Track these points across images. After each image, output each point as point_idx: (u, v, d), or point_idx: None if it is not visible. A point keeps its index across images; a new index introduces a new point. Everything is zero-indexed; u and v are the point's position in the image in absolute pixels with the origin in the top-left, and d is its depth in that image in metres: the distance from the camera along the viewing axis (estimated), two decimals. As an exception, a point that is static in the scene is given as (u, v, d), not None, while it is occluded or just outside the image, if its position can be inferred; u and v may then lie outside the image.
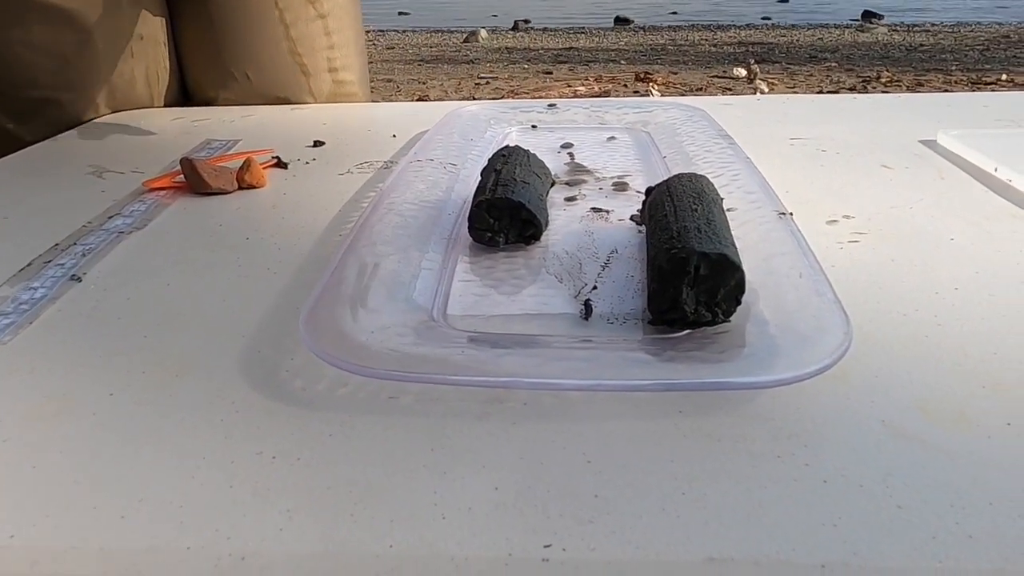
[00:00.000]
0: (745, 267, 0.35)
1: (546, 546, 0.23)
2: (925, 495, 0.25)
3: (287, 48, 0.84)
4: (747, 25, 5.97)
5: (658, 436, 0.28)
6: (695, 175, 0.41)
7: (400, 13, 6.83)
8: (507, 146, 0.47)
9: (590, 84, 3.79)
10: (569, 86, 3.76)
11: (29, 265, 0.43)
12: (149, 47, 0.80)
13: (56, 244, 0.45)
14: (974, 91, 3.44)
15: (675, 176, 0.41)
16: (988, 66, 4.10)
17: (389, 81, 4.08)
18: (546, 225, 0.43)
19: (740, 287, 0.32)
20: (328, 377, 0.32)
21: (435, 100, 3.62)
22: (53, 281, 0.41)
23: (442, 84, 3.99)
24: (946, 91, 3.44)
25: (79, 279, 0.41)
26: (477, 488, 0.26)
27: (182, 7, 0.83)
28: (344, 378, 0.31)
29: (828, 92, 3.51)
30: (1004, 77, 3.74)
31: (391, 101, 3.61)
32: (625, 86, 3.76)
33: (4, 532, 0.24)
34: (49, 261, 0.43)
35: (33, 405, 0.31)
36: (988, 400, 0.29)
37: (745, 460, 0.27)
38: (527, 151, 0.47)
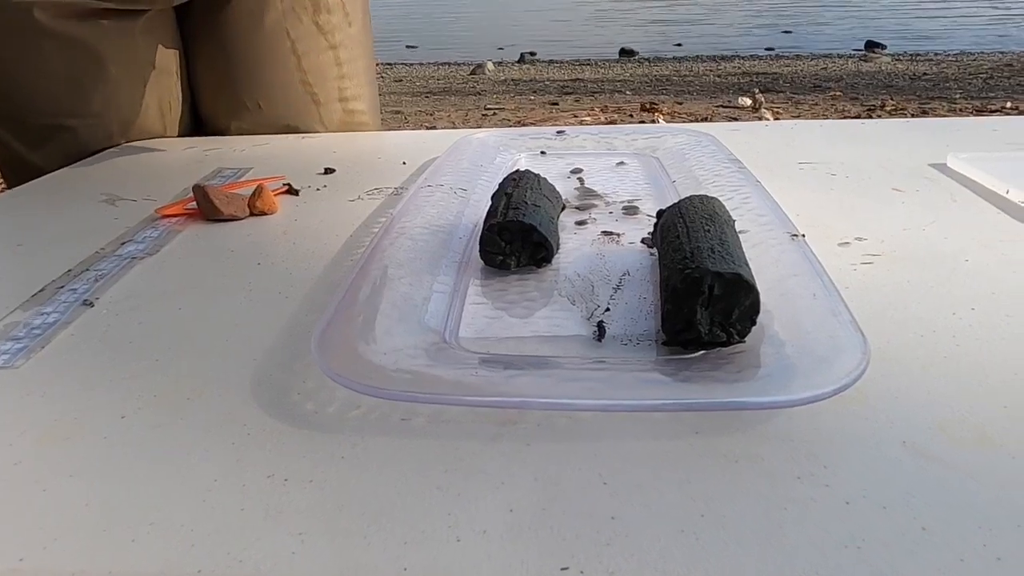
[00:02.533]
0: (759, 288, 0.35)
1: (563, 568, 0.23)
2: (950, 517, 0.24)
3: (298, 78, 0.85)
4: (751, 56, 6.02)
5: (674, 456, 0.27)
6: (707, 197, 0.41)
7: (408, 46, 6.92)
8: (518, 171, 0.48)
9: (596, 114, 3.82)
10: (575, 116, 3.79)
11: (42, 291, 0.43)
12: (162, 77, 0.81)
13: (69, 270, 0.46)
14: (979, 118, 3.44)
15: (687, 198, 0.41)
16: (992, 94, 4.11)
17: (397, 113, 4.12)
18: (557, 248, 0.43)
19: (755, 307, 0.32)
20: (339, 400, 0.31)
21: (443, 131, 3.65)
22: (65, 306, 0.41)
23: (449, 115, 4.02)
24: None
25: (91, 304, 0.41)
26: (492, 510, 0.25)
27: (195, 38, 0.84)
28: (356, 400, 0.31)
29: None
30: (1008, 105, 3.75)
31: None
32: (631, 116, 3.79)
33: (14, 555, 0.24)
34: (62, 287, 0.43)
35: (45, 429, 0.31)
36: (1010, 420, 0.29)
37: (763, 480, 0.26)
38: (538, 175, 0.47)
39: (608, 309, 0.37)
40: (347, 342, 0.33)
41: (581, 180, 0.58)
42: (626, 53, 6.34)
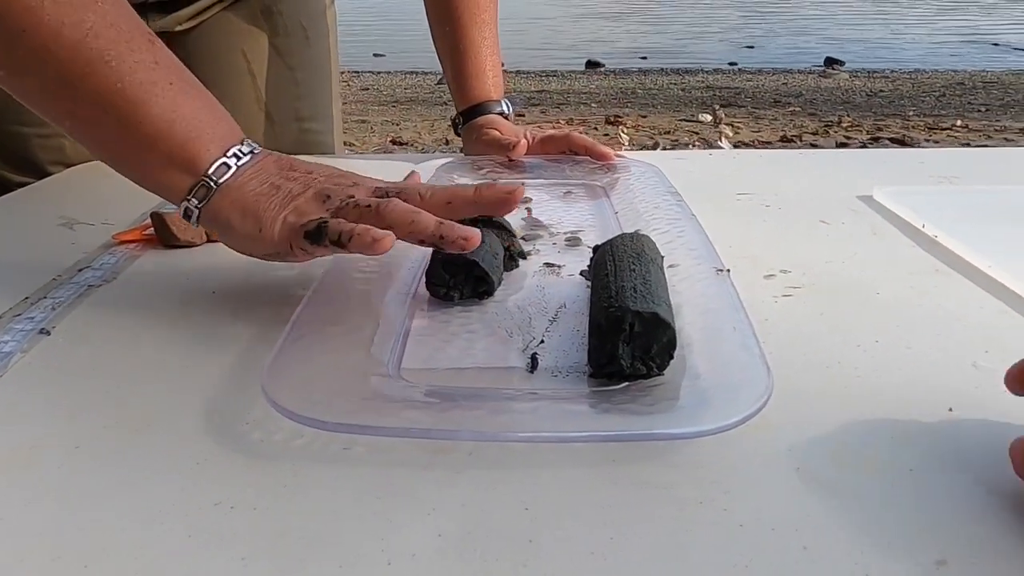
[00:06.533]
0: (683, 321, 0.38)
1: (482, 589, 0.25)
2: (828, 537, 0.27)
3: (253, 97, 0.86)
4: (714, 70, 6.14)
5: (591, 484, 0.30)
6: (638, 235, 0.44)
7: (375, 55, 6.93)
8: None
9: (561, 127, 3.87)
10: (540, 128, 3.83)
11: (-1, 318, 0.44)
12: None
13: (26, 297, 0.47)
14: (931, 136, 3.56)
15: (618, 236, 0.44)
16: (944, 112, 4.25)
17: (363, 122, 4.12)
18: (499, 282, 0.46)
19: (672, 343, 0.35)
20: (285, 429, 0.33)
21: (409, 140, 3.66)
22: (23, 335, 0.42)
23: (416, 125, 4.04)
24: (904, 135, 3.56)
25: (48, 332, 0.43)
26: (421, 535, 0.27)
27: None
28: (300, 430, 0.33)
29: (792, 136, 3.61)
30: (959, 123, 3.88)
31: (364, 142, 3.65)
32: (595, 129, 3.84)
33: (-29, 582, 0.26)
34: (19, 315, 0.45)
35: (1, 457, 0.32)
36: (896, 448, 0.32)
37: (671, 506, 0.29)
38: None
39: (543, 341, 0.40)
40: (294, 375, 0.35)
41: (529, 210, 0.61)
42: (592, 65, 6.42)
